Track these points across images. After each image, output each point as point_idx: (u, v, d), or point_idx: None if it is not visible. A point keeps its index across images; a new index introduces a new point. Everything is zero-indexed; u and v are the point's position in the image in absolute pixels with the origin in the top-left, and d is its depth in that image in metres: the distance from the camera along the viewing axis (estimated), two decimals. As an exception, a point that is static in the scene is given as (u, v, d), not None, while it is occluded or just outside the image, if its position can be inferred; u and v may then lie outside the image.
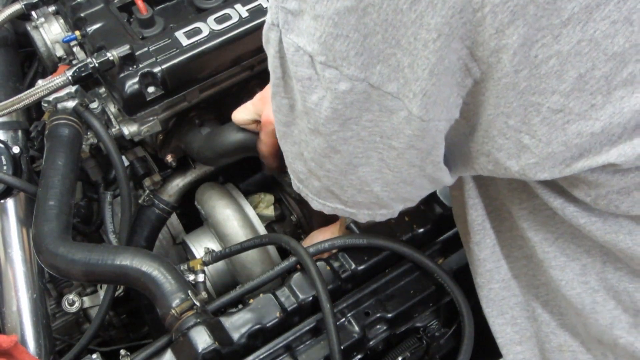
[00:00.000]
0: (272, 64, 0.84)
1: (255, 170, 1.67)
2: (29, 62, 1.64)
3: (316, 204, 0.98)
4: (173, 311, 1.09)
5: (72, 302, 1.50)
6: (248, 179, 1.67)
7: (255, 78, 1.48)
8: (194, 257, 1.48)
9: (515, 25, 0.67)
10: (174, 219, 1.63)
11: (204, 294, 1.16)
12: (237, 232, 1.42)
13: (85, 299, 1.53)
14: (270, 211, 1.53)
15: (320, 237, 1.40)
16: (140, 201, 1.54)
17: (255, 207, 1.51)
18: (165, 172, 1.59)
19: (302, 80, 0.79)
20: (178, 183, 1.57)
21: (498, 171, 0.83)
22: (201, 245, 1.48)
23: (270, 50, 0.82)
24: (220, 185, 1.53)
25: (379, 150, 0.82)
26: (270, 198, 1.55)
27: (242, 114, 1.33)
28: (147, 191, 1.54)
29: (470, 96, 0.77)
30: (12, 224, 1.41)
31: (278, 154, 1.29)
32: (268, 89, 1.23)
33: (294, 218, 1.54)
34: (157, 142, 1.50)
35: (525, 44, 0.68)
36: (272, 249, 1.45)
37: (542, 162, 0.77)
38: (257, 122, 1.30)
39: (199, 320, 1.08)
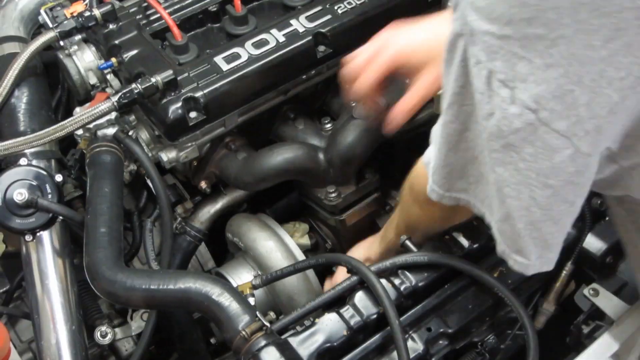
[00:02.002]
0: (455, 72, 0.83)
1: (280, 197, 1.67)
2: (51, 91, 1.62)
3: (476, 210, 0.98)
4: (243, 332, 1.08)
5: (105, 334, 1.47)
6: (273, 206, 1.67)
7: (288, 103, 1.49)
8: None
9: None
10: (202, 247, 1.62)
11: (272, 314, 1.15)
12: (281, 264, 1.41)
13: (116, 330, 1.50)
14: (305, 240, 1.54)
15: (356, 251, 1.42)
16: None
17: (290, 237, 1.51)
18: (194, 199, 1.58)
19: (477, 92, 0.79)
20: (209, 210, 1.56)
21: None
22: (239, 277, 1.46)
23: (456, 58, 0.82)
24: (255, 216, 1.52)
25: (532, 187, 0.81)
26: (305, 227, 1.55)
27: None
28: (179, 219, 1.52)
29: None
30: (48, 255, 1.38)
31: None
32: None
33: (329, 245, 1.55)
34: (190, 168, 1.49)
35: None
36: (313, 278, 1.45)
37: None
38: None
39: (269, 341, 1.07)
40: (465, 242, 1.25)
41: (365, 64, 1.24)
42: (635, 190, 0.89)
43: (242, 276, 1.47)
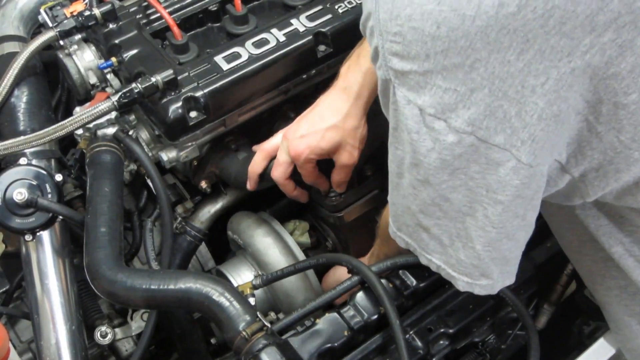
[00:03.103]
0: (388, 114, 0.87)
1: (280, 196, 1.66)
2: (51, 91, 1.62)
3: (424, 259, 1.00)
4: (244, 333, 1.07)
5: (105, 334, 1.46)
6: (274, 206, 1.66)
7: (288, 102, 1.49)
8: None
9: (623, 56, 0.73)
10: (202, 247, 1.61)
11: (272, 314, 1.15)
12: (278, 260, 1.41)
13: (116, 330, 1.50)
14: (305, 238, 1.53)
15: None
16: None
17: (290, 235, 1.50)
18: (195, 198, 1.58)
19: (412, 133, 0.82)
20: (209, 210, 1.56)
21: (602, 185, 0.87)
22: (239, 275, 1.46)
23: (389, 102, 0.85)
24: (256, 214, 1.52)
25: (484, 204, 0.85)
26: (305, 225, 1.55)
27: (269, 143, 1.37)
28: (179, 218, 1.52)
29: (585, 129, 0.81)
30: (48, 255, 1.38)
31: (292, 177, 1.35)
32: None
33: (330, 244, 1.54)
34: (190, 168, 1.49)
35: (634, 70, 0.74)
36: (312, 276, 1.44)
37: None
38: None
39: (269, 341, 1.07)
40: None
41: (286, 182, 1.35)
42: (592, 195, 0.90)
43: (242, 274, 1.46)
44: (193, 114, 1.32)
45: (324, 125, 1.26)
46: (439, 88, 0.77)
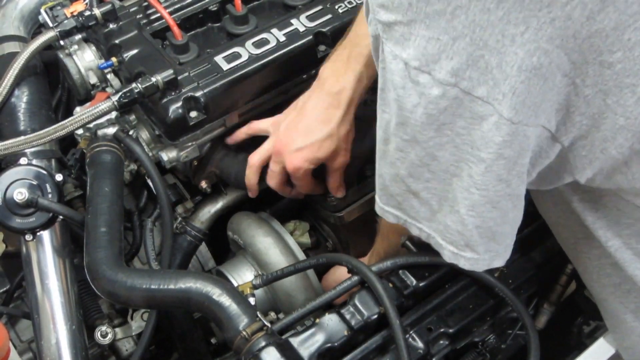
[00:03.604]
0: (378, 75, 0.87)
1: (280, 196, 1.66)
2: (51, 91, 1.62)
3: (414, 228, 1.00)
4: (244, 333, 1.08)
5: (105, 334, 1.46)
6: (274, 206, 1.66)
7: (288, 102, 1.49)
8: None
9: (605, 11, 0.72)
10: (202, 247, 1.61)
11: (272, 314, 1.15)
12: (279, 260, 1.41)
13: (117, 330, 1.50)
14: (305, 238, 1.53)
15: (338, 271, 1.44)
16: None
17: (291, 235, 1.50)
18: (195, 198, 1.58)
19: (397, 88, 0.82)
20: (210, 209, 1.56)
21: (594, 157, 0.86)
22: (239, 275, 1.46)
23: (379, 60, 0.86)
24: (256, 214, 1.52)
25: (469, 163, 0.84)
26: (305, 225, 1.55)
27: (257, 155, 1.36)
28: (179, 218, 1.52)
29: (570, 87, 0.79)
30: (49, 254, 1.38)
31: (287, 182, 1.37)
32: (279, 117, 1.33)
33: (330, 245, 1.54)
34: (190, 168, 1.49)
35: (618, 27, 0.73)
36: (312, 276, 1.44)
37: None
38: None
39: (269, 341, 1.07)
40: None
41: (282, 187, 1.39)
42: (580, 169, 0.89)
43: (242, 274, 1.46)
44: (193, 114, 1.32)
45: (320, 136, 1.28)
46: (422, 38, 0.77)
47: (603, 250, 1.05)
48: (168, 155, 1.38)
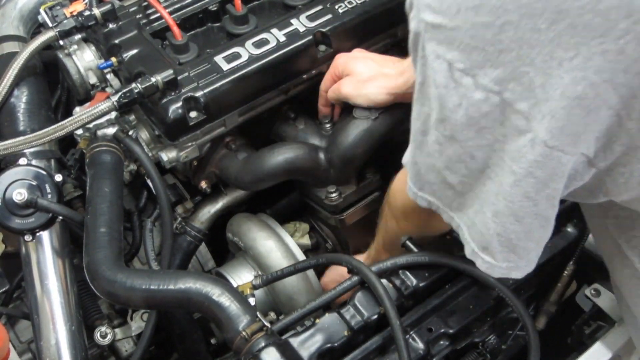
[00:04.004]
0: (417, 70, 0.87)
1: (280, 197, 1.67)
2: (51, 91, 1.62)
3: (446, 215, 0.99)
4: (244, 333, 1.07)
5: (105, 334, 1.46)
6: (273, 206, 1.66)
7: (288, 102, 1.49)
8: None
9: None
10: (202, 247, 1.61)
11: (272, 315, 1.15)
12: (280, 263, 1.41)
13: (116, 330, 1.50)
14: (305, 240, 1.53)
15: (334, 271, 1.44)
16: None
17: (291, 237, 1.50)
18: (195, 198, 1.57)
19: (440, 87, 0.81)
20: (209, 210, 1.56)
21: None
22: (239, 277, 1.46)
23: (418, 56, 0.86)
24: (256, 216, 1.52)
25: (502, 171, 0.83)
26: (305, 227, 1.55)
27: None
28: (179, 219, 1.52)
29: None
30: (48, 255, 1.38)
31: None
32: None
33: (330, 246, 1.54)
34: (190, 168, 1.49)
35: None
36: (313, 277, 1.44)
37: None
38: None
39: (269, 341, 1.07)
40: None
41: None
42: (616, 193, 0.88)
43: (242, 276, 1.46)
44: (193, 114, 1.32)
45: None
46: (467, 45, 0.77)
47: (635, 271, 1.04)
48: (168, 156, 1.37)
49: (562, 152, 0.78)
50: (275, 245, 1.43)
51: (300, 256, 1.44)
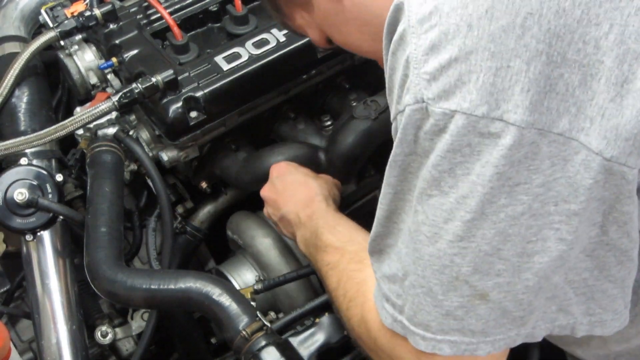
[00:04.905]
0: (420, 169, 0.72)
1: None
2: (51, 91, 1.62)
3: (482, 352, 0.74)
4: (244, 332, 1.08)
5: (105, 334, 1.47)
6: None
7: (288, 102, 1.49)
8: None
9: None
10: (202, 247, 1.62)
11: (272, 314, 1.15)
12: (279, 261, 1.41)
13: (117, 330, 1.50)
14: (304, 238, 1.53)
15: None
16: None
17: (291, 234, 1.50)
18: (195, 198, 1.58)
19: (462, 148, 0.66)
20: (210, 210, 1.56)
21: None
22: (239, 275, 1.46)
23: (415, 148, 0.72)
24: (255, 214, 1.52)
25: (555, 225, 0.68)
26: (303, 225, 1.55)
27: None
28: (179, 218, 1.52)
29: None
30: (49, 254, 1.38)
31: None
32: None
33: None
34: (190, 168, 1.49)
35: None
36: (313, 277, 1.44)
37: None
38: None
39: (269, 341, 1.07)
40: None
41: None
42: None
43: (242, 274, 1.46)
44: (193, 114, 1.32)
45: None
46: (487, 71, 0.64)
47: None
48: (168, 155, 1.38)
49: (623, 165, 0.65)
50: (274, 243, 1.43)
51: (299, 254, 1.45)
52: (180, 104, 1.30)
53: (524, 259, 0.69)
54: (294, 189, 1.25)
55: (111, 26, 1.43)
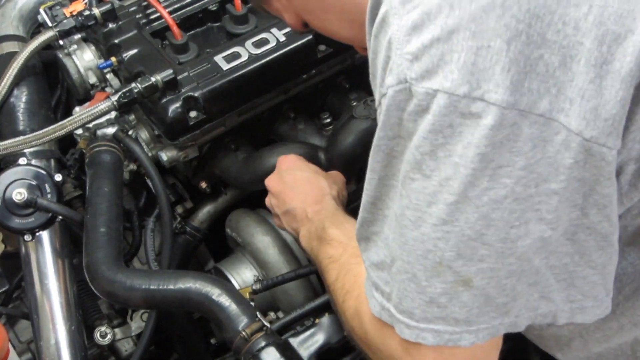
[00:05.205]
0: (411, 147, 0.70)
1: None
2: (50, 91, 1.62)
3: (465, 341, 0.74)
4: (244, 333, 1.08)
5: (105, 334, 1.46)
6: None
7: (288, 102, 1.49)
8: (230, 285, 1.46)
9: None
10: (202, 247, 1.61)
11: (272, 315, 1.15)
12: (277, 259, 1.40)
13: (116, 330, 1.49)
14: (303, 236, 1.53)
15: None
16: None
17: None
18: (195, 198, 1.57)
19: (444, 129, 0.66)
20: (209, 210, 1.56)
21: None
22: (238, 273, 1.45)
23: (399, 129, 0.71)
24: (254, 212, 1.52)
25: (536, 206, 0.68)
26: (303, 223, 1.54)
27: None
28: (179, 218, 1.52)
29: None
30: (48, 255, 1.38)
31: None
32: None
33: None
34: (190, 168, 1.49)
35: None
36: (313, 277, 1.44)
37: None
38: None
39: (269, 341, 1.07)
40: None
41: None
42: (626, 198, 0.74)
43: (240, 272, 1.46)
44: (193, 113, 1.32)
45: None
46: (469, 51, 0.63)
47: None
48: (167, 155, 1.38)
49: (602, 146, 0.66)
50: (273, 241, 1.42)
51: (298, 252, 1.44)
52: (179, 103, 1.30)
53: (508, 245, 0.69)
54: (304, 186, 1.24)
55: (110, 25, 1.42)
